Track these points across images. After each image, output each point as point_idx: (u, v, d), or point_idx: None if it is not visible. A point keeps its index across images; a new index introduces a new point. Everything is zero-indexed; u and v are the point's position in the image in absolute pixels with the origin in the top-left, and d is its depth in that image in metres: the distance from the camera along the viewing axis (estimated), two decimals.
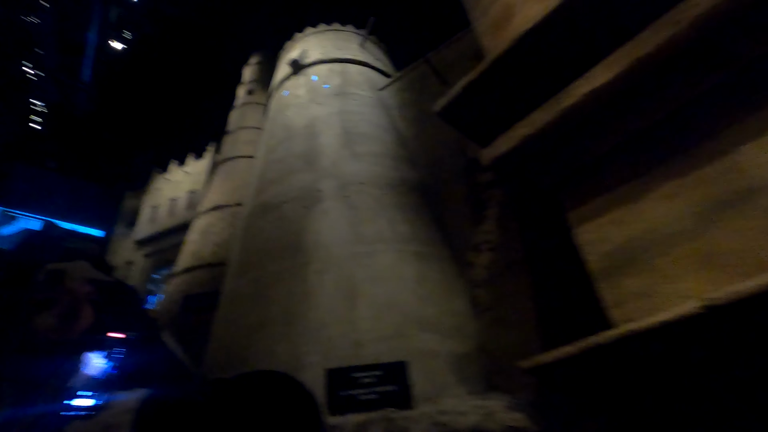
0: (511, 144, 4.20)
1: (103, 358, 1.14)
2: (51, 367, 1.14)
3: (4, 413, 1.10)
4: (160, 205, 26.08)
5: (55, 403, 1.07)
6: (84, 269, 1.74)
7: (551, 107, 3.93)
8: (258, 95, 19.45)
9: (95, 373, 1.12)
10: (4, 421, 1.08)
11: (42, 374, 1.14)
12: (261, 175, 9.19)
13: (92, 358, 1.14)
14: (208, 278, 12.40)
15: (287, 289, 6.33)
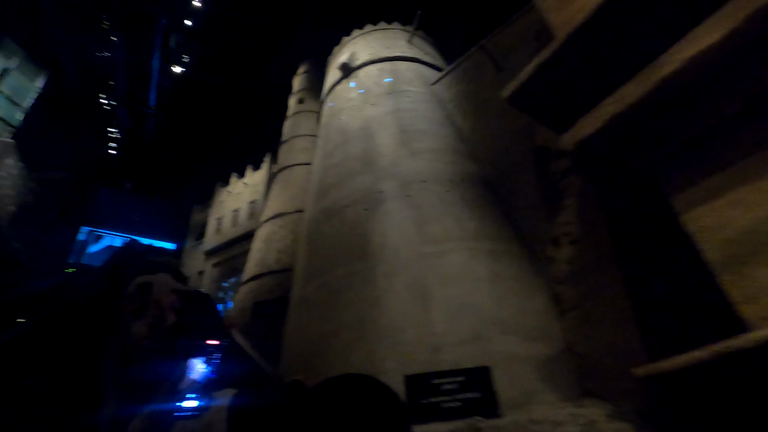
0: (597, 124, 3.79)
1: (203, 363, 1.24)
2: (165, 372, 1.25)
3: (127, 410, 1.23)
4: (224, 217, 27.44)
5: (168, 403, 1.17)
6: (167, 280, 1.90)
7: (645, 78, 3.48)
8: (309, 103, 19.84)
9: (198, 377, 1.22)
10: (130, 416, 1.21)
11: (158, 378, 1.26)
12: (320, 181, 9.24)
13: (195, 363, 1.24)
14: (274, 284, 12.75)
15: (357, 294, 6.24)
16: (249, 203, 26.15)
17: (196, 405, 1.17)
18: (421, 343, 5.27)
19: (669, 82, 3.28)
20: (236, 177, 28.54)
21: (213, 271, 26.21)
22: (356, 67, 11.14)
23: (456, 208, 6.83)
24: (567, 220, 5.55)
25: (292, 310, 7.76)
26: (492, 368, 4.72)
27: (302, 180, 16.00)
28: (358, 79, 10.86)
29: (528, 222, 6.65)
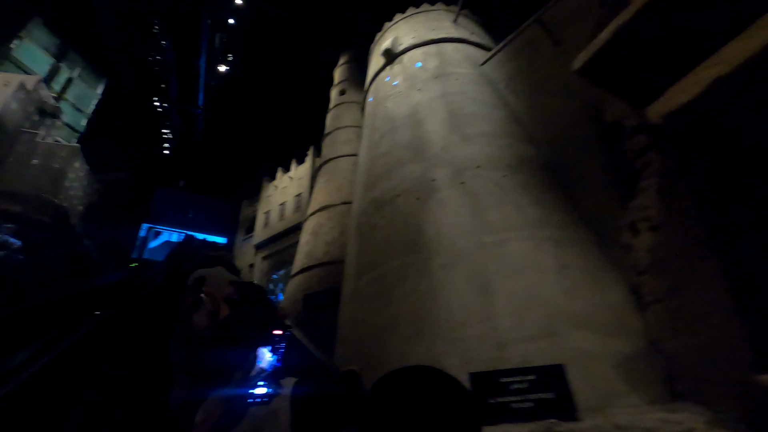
0: (694, 91, 3.29)
1: (270, 353, 1.28)
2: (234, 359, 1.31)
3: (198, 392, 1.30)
4: (272, 211, 28.09)
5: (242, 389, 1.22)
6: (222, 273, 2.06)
7: (755, 34, 2.97)
8: (351, 94, 19.70)
9: (266, 365, 1.26)
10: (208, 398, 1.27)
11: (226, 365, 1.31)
12: (367, 171, 9.05)
13: (263, 352, 1.29)
14: (324, 276, 12.80)
15: (413, 287, 6.00)
16: (295, 197, 26.55)
17: (266, 392, 1.21)
18: (484, 338, 4.96)
19: None
20: (282, 171, 29.09)
21: (263, 264, 26.97)
22: (400, 53, 10.80)
23: (515, 195, 6.40)
24: (645, 204, 5.00)
25: (345, 302, 7.66)
26: (566, 366, 4.33)
27: (347, 172, 15.93)
28: (402, 64, 10.52)
29: (596, 207, 6.11)
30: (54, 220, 23.34)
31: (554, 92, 7.57)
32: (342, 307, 7.85)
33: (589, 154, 6.43)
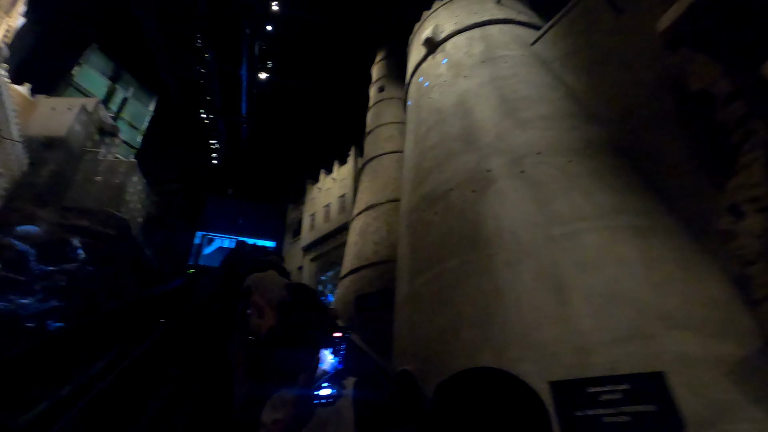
0: None
1: (331, 354, 1.28)
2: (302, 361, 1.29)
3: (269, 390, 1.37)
4: (317, 213, 28.36)
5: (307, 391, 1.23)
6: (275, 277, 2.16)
7: None
8: (390, 90, 19.39)
9: (328, 367, 1.26)
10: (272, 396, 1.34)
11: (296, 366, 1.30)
12: (416, 167, 8.68)
13: (326, 354, 1.28)
14: (374, 277, 12.57)
15: (475, 287, 5.57)
16: (338, 198, 26.64)
17: (330, 393, 1.22)
18: (562, 342, 4.45)
19: None
20: (324, 173, 29.30)
21: (311, 266, 27.29)
22: (442, 41, 10.32)
23: (584, 181, 5.79)
24: (750, 182, 4.29)
25: (400, 305, 7.33)
26: (666, 374, 3.76)
27: (391, 169, 15.64)
28: (445, 52, 10.04)
29: (681, 190, 5.39)
30: (118, 233, 24.91)
31: (620, 66, 6.84)
32: (397, 309, 7.54)
33: (669, 131, 5.70)
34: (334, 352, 1.30)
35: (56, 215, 23.70)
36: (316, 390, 1.23)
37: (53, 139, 26.22)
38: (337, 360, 1.29)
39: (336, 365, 1.28)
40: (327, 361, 1.28)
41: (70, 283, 21.92)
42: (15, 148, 22.70)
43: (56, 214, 23.75)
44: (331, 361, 1.28)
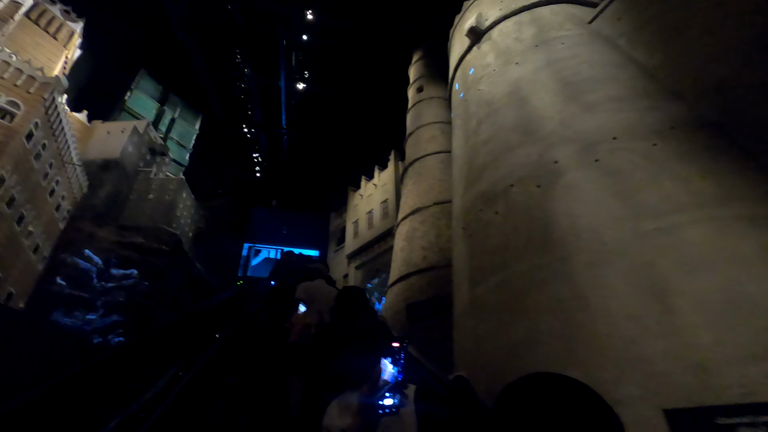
0: None
1: (391, 364, 1.29)
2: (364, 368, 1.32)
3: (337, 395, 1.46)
4: (360, 220, 28.18)
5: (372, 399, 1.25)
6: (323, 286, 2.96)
7: None
8: (429, 90, 18.84)
9: (389, 377, 1.27)
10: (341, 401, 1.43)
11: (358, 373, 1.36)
12: (468, 164, 8.05)
13: (386, 364, 1.29)
14: (424, 284, 11.99)
15: (551, 293, 4.86)
16: (381, 203, 26.31)
17: (392, 403, 1.23)
18: (673, 359, 3.68)
19: None
20: (365, 179, 29.10)
21: (356, 274, 27.05)
22: (487, 29, 9.67)
23: (675, 166, 4.96)
24: None
25: (461, 315, 6.70)
26: None
27: (435, 170, 15.05)
28: (491, 41, 9.38)
29: None
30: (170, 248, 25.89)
31: (703, 32, 5.93)
32: (457, 319, 6.91)
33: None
34: (394, 362, 1.28)
35: (114, 234, 25.02)
36: (379, 399, 1.23)
37: (109, 161, 27.76)
38: (397, 370, 1.27)
39: (396, 375, 1.27)
40: (388, 371, 1.27)
41: (129, 298, 22.99)
42: (76, 172, 24.16)
43: (114, 233, 25.07)
44: (391, 371, 1.27)
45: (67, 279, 21.43)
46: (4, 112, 20.15)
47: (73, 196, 25.91)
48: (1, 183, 19.75)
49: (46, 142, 23.66)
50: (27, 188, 22.42)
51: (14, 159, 20.51)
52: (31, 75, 21.66)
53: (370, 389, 1.26)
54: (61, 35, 27.69)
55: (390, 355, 1.30)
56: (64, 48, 27.60)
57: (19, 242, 22.65)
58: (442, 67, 19.03)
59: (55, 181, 24.60)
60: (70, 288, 21.37)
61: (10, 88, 20.39)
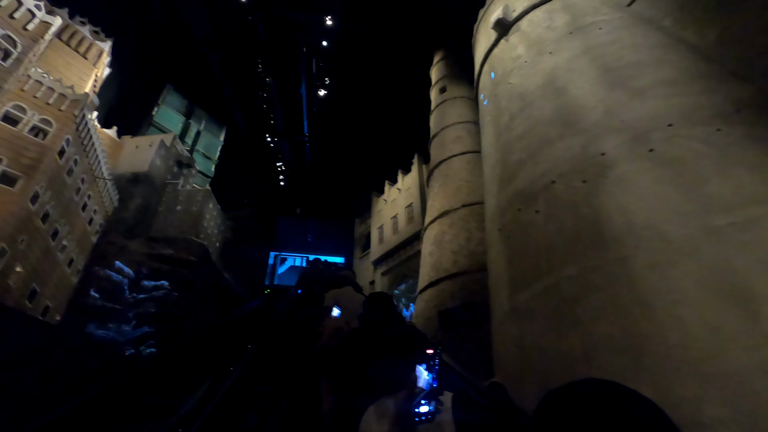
0: None
1: (425, 371, 1.28)
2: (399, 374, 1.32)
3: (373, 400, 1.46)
4: (384, 225, 27.82)
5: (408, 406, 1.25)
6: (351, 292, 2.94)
7: None
8: (452, 90, 18.41)
9: (424, 384, 1.27)
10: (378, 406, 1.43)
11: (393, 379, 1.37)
12: (501, 161, 7.59)
13: (421, 371, 1.28)
14: (455, 289, 11.50)
15: (608, 299, 4.37)
16: (405, 208, 25.90)
17: (428, 410, 1.22)
18: (766, 375, 3.15)
19: None
20: (389, 184, 28.77)
21: (383, 280, 26.67)
22: (515, 20, 9.21)
23: (746, 152, 4.41)
24: None
25: (502, 323, 6.23)
26: None
27: (463, 172, 14.58)
28: (520, 32, 8.92)
29: None
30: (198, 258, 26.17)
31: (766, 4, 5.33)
32: (497, 328, 6.43)
33: None
34: (428, 369, 1.27)
35: (144, 246, 25.56)
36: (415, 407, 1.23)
37: (138, 174, 28.48)
38: (432, 376, 1.27)
39: (431, 382, 1.26)
40: (423, 377, 1.27)
41: (159, 309, 23.35)
42: (107, 186, 24.83)
43: (144, 245, 25.62)
44: (426, 377, 1.26)
45: (100, 291, 21.93)
46: (37, 130, 20.93)
47: (104, 210, 26.65)
48: (36, 199, 20.47)
49: (77, 157, 24.42)
50: (60, 203, 23.16)
51: (48, 175, 21.23)
52: (62, 93, 22.45)
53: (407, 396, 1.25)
54: (91, 54, 28.68)
55: (424, 361, 1.28)
56: (93, 67, 28.57)
57: (54, 257, 23.36)
58: (466, 66, 18.59)
59: (87, 195, 25.35)
60: (104, 300, 21.85)
61: (42, 107, 21.17)
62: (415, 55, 23.75)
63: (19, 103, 20.88)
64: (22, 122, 20.74)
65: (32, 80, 21.50)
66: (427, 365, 1.28)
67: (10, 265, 19.39)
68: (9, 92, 19.63)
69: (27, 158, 20.17)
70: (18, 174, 19.84)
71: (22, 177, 19.84)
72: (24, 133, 20.52)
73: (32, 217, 20.75)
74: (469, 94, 18.33)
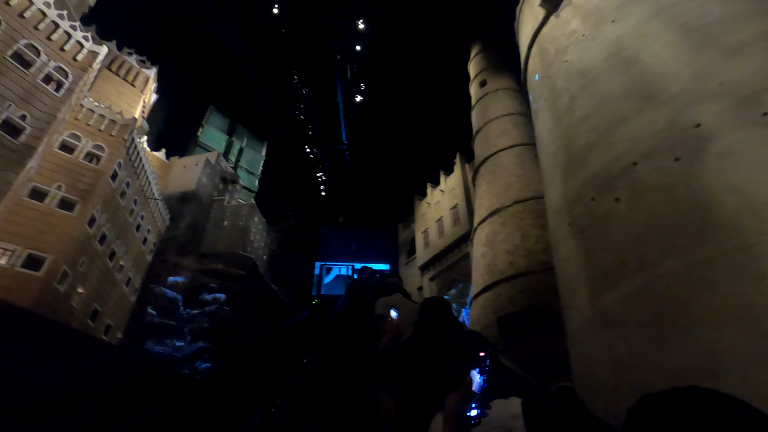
0: None
1: (477, 374, 1.26)
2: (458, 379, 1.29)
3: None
4: (429, 229, 27.09)
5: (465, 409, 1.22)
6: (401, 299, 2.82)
7: None
8: (494, 82, 17.53)
9: (476, 387, 1.24)
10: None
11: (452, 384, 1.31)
12: (563, 149, 6.79)
13: (474, 375, 1.26)
14: (515, 293, 10.63)
15: (729, 300, 3.53)
16: (450, 209, 25.07)
17: (476, 413, 1.19)
18: None
19: None
20: (431, 186, 28.07)
21: (431, 286, 25.90)
22: None
23: None
24: None
25: (582, 331, 5.41)
26: None
27: (512, 166, 13.69)
28: (572, 5, 8.07)
29: None
30: (247, 272, 26.59)
31: None
32: (577, 338, 5.62)
33: None
34: (480, 371, 1.26)
35: (196, 262, 26.43)
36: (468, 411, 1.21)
37: (186, 193, 29.67)
38: (483, 378, 1.25)
39: (482, 384, 1.24)
40: (475, 381, 1.25)
41: (213, 324, 23.90)
42: (158, 206, 25.92)
43: (196, 261, 26.48)
44: (478, 380, 1.25)
45: (156, 308, 22.74)
46: (91, 156, 22.19)
47: (157, 229, 27.87)
48: (93, 222, 21.60)
49: (129, 180, 25.64)
50: (116, 225, 24.38)
51: (103, 199, 22.41)
52: (113, 119, 23.77)
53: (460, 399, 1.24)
54: (138, 82, 30.34)
55: (477, 364, 1.27)
56: (141, 93, 30.19)
57: (113, 277, 24.55)
58: (508, 55, 17.71)
59: (140, 216, 26.57)
60: (160, 317, 22.64)
61: (95, 134, 22.52)
62: (450, 52, 23.04)
63: (75, 132, 22.29)
64: (77, 149, 22.12)
65: (85, 109, 22.91)
66: (479, 368, 1.26)
67: (72, 287, 20.53)
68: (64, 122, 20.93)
69: (83, 183, 21.43)
70: (75, 199, 21.07)
71: (79, 201, 21.05)
72: (79, 159, 21.81)
73: (90, 240, 21.91)
74: (512, 85, 17.39)
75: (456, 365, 1.41)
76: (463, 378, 1.27)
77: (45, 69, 19.46)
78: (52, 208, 20.61)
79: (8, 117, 17.77)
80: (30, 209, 19.92)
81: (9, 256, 18.49)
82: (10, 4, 18.15)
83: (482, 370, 1.26)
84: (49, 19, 20.02)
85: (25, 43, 18.93)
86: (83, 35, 21.01)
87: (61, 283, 19.97)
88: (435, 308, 2.73)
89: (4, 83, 17.67)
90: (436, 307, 2.75)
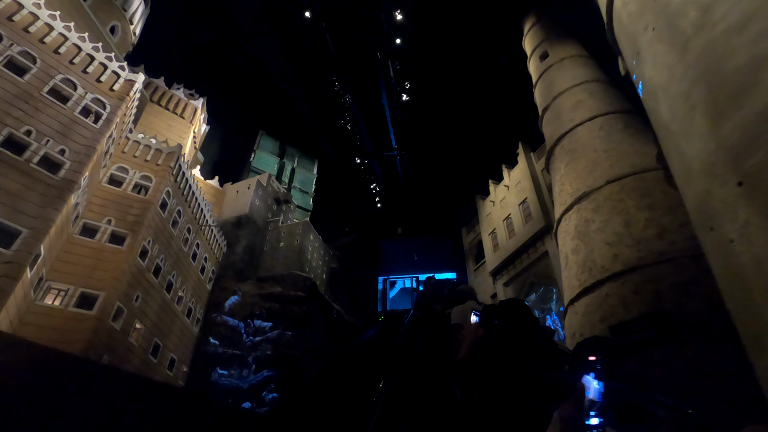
0: None
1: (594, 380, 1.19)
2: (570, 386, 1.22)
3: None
4: (497, 229, 24.73)
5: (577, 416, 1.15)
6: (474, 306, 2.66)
7: None
8: (556, 52, 15.31)
9: (594, 395, 1.18)
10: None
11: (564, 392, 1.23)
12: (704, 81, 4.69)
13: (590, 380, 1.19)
14: (626, 294, 8.33)
15: None
16: (519, 205, 22.63)
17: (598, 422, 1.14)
18: None
19: None
20: (494, 183, 25.76)
21: (506, 292, 23.43)
22: None
23: None
24: None
25: None
26: None
27: (596, 141, 11.39)
28: None
29: None
30: (306, 293, 25.76)
31: None
32: None
33: None
34: (597, 377, 1.19)
35: (255, 287, 26.10)
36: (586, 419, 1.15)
37: (240, 217, 29.86)
38: (602, 385, 1.18)
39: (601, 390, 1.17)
40: (592, 388, 1.18)
41: (275, 351, 23.14)
42: (213, 233, 26.06)
43: (255, 286, 26.17)
44: (595, 387, 1.18)
45: (219, 338, 22.43)
46: (139, 187, 22.58)
47: (214, 257, 28.05)
48: (146, 254, 21.63)
49: (180, 208, 25.87)
50: (170, 255, 24.46)
51: (153, 229, 22.51)
52: (158, 148, 24.25)
53: (573, 406, 1.16)
54: (187, 113, 31.47)
55: (591, 370, 1.20)
56: (190, 124, 31.24)
57: (172, 309, 24.51)
58: (570, 16, 15.51)
59: (195, 244, 26.71)
60: (223, 347, 22.29)
61: (141, 164, 22.98)
62: (498, 33, 20.95)
63: (122, 165, 22.84)
64: (125, 182, 22.55)
65: (131, 141, 23.54)
66: (595, 374, 1.17)
67: (129, 323, 20.36)
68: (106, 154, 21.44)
69: (132, 215, 21.61)
70: (125, 232, 21.19)
71: (129, 234, 21.14)
72: (128, 191, 22.23)
73: (144, 273, 21.93)
74: (579, 51, 15.07)
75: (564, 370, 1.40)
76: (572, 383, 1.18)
77: (82, 102, 19.86)
78: (103, 243, 20.75)
79: (47, 153, 17.93)
80: (82, 246, 20.15)
81: (63, 297, 18.58)
82: (45, 41, 18.77)
83: (598, 375, 1.17)
84: (84, 52, 20.62)
85: (62, 78, 19.49)
86: (119, 65, 21.50)
87: (116, 320, 19.74)
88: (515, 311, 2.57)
89: (42, 120, 18.07)
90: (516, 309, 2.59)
